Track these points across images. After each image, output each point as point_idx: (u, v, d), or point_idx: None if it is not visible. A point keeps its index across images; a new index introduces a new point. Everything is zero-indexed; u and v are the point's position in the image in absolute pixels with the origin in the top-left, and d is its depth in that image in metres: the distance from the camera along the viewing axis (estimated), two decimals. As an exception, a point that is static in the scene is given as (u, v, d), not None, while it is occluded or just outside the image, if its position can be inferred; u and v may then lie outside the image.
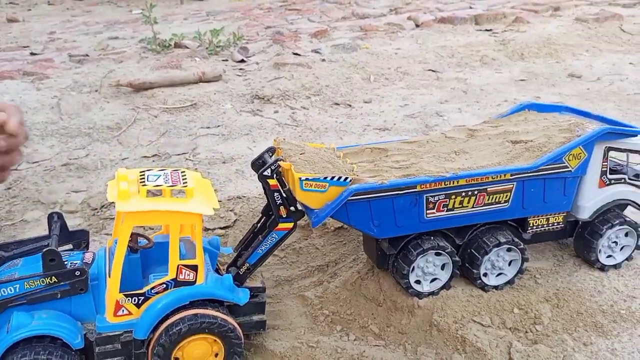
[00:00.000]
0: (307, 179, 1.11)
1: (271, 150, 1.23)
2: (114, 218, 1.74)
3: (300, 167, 1.14)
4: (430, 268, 1.27)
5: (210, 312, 1.05)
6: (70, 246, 1.19)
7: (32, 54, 3.89)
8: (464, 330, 1.20)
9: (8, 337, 0.96)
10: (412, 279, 1.27)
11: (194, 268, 1.05)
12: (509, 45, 3.61)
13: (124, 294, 1.02)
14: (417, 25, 4.17)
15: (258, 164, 1.19)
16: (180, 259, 1.04)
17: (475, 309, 1.26)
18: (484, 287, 1.31)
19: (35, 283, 1.00)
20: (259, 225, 1.29)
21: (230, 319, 1.08)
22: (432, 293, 1.29)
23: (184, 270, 1.04)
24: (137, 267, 1.12)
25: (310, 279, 1.49)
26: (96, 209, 1.84)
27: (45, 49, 4.06)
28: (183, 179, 1.03)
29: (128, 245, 1.09)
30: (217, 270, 1.20)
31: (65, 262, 1.03)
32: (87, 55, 3.77)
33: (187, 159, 2.25)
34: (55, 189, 1.98)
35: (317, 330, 1.30)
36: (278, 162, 1.14)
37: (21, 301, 1.00)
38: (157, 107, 2.78)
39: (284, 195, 1.16)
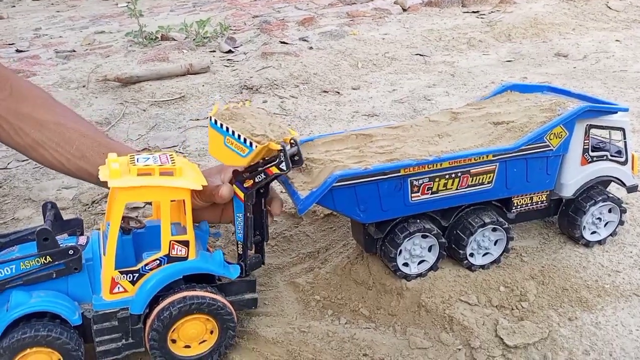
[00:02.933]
0: None
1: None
2: (105, 213, 1.75)
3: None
4: (417, 250, 1.29)
5: (198, 292, 1.08)
6: (65, 235, 1.21)
7: (17, 51, 3.86)
8: (451, 310, 1.23)
9: (8, 315, 0.99)
10: (400, 261, 1.29)
11: (186, 244, 1.08)
12: (495, 26, 3.61)
13: (119, 271, 1.05)
14: (404, 10, 4.17)
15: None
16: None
17: (462, 289, 1.28)
18: (470, 267, 1.33)
19: (31, 263, 1.02)
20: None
21: (219, 297, 1.11)
22: (420, 275, 1.31)
23: (176, 246, 1.07)
24: (130, 249, 1.15)
25: (301, 265, 1.51)
26: (87, 204, 1.85)
27: (31, 45, 4.04)
28: (171, 160, 1.08)
29: (120, 226, 1.12)
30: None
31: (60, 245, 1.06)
32: (73, 50, 3.75)
33: (177, 152, 2.26)
34: (46, 186, 1.98)
35: (309, 316, 1.32)
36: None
37: (17, 282, 1.02)
38: (146, 101, 2.78)
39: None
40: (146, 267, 1.07)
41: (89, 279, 1.08)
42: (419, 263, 1.31)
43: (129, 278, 1.06)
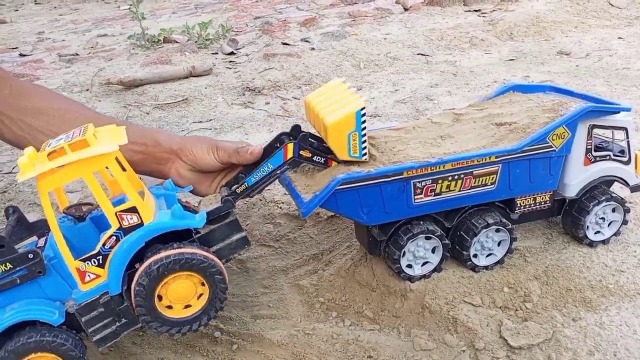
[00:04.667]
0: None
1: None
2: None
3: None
4: (420, 252, 1.30)
5: (162, 254, 1.02)
6: (35, 238, 1.17)
7: (21, 55, 3.88)
8: (455, 311, 1.23)
9: None
10: (404, 263, 1.29)
11: (133, 210, 1.03)
12: (497, 25, 3.60)
13: (80, 260, 1.03)
14: (406, 9, 4.16)
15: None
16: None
17: (466, 290, 1.29)
18: (474, 268, 1.34)
19: None
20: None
21: (188, 249, 1.04)
22: (424, 276, 1.31)
23: (124, 216, 1.03)
24: (92, 234, 1.11)
25: (305, 267, 1.52)
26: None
27: (35, 49, 4.05)
28: (83, 131, 1.01)
29: (73, 215, 1.10)
30: (189, 210, 1.18)
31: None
32: (76, 54, 3.77)
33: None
34: (51, 191, 1.99)
35: (313, 318, 1.33)
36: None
37: None
38: (149, 104, 2.79)
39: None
40: (105, 247, 1.03)
41: (61, 277, 1.06)
42: (422, 264, 1.32)
43: (95, 263, 1.03)
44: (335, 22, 4.01)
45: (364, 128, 1.16)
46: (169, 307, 1.07)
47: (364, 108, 1.15)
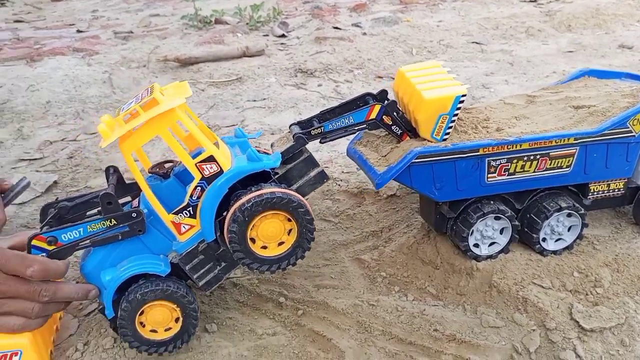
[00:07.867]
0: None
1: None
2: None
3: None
4: (489, 232, 1.29)
5: (243, 200, 1.04)
6: (129, 198, 1.23)
7: (78, 31, 4.00)
8: (524, 292, 1.22)
9: (107, 294, 1.07)
10: (471, 242, 1.29)
11: (211, 159, 1.06)
12: (555, 16, 3.51)
13: (173, 214, 1.08)
14: (459, -3, 4.10)
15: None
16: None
17: (535, 272, 1.28)
18: (542, 252, 1.32)
19: (97, 226, 1.07)
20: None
21: (266, 189, 1.05)
22: (490, 256, 1.31)
23: (205, 166, 1.06)
24: (178, 189, 1.14)
25: (365, 243, 1.53)
26: (155, 176, 1.92)
27: (90, 26, 4.16)
28: (151, 91, 1.05)
29: (157, 174, 1.15)
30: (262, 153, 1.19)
31: None
32: (131, 32, 3.85)
33: (236, 131, 2.31)
34: (114, 158, 2.06)
35: (376, 291, 1.34)
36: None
37: (86, 243, 1.07)
38: (204, 81, 2.84)
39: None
40: (193, 198, 1.08)
41: (160, 232, 1.11)
42: (489, 245, 1.31)
43: (187, 214, 1.08)
44: (386, 7, 3.98)
45: (456, 115, 1.17)
46: (264, 247, 1.10)
47: (464, 95, 1.16)
